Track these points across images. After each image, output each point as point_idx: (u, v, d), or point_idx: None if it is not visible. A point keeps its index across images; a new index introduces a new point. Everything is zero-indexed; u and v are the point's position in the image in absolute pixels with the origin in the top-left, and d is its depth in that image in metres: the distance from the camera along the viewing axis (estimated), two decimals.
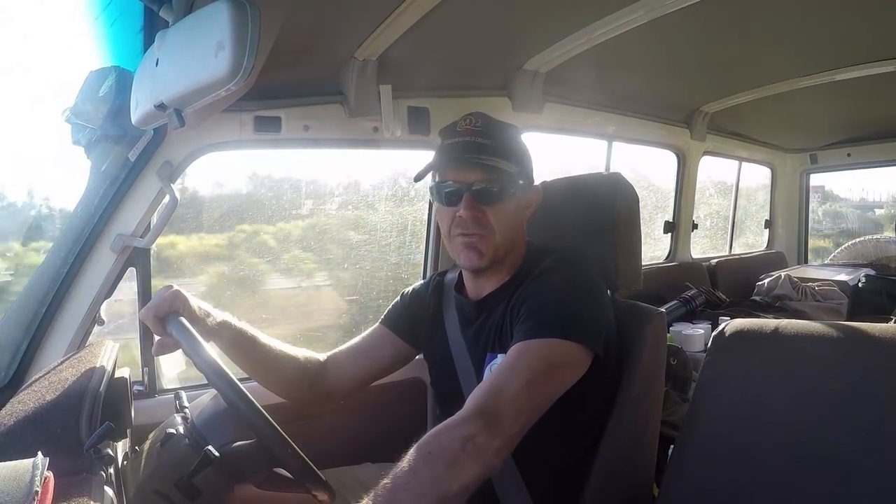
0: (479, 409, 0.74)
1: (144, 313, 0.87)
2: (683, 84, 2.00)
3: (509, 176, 0.93)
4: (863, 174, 3.33)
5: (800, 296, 2.35)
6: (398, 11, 1.11)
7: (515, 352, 0.83)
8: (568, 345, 0.83)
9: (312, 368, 1.08)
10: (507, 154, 0.93)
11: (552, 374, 0.82)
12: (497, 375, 0.80)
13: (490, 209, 0.93)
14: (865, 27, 1.48)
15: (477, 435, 0.70)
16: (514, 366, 0.81)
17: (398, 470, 0.67)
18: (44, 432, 0.73)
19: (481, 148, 0.92)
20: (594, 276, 0.95)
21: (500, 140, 0.94)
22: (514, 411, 0.75)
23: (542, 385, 0.80)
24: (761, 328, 0.86)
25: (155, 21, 0.97)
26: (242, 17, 0.74)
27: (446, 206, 0.95)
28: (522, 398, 0.77)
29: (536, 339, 0.83)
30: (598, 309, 0.90)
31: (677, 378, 1.57)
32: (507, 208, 0.94)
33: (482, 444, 0.70)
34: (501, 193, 0.93)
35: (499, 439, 0.72)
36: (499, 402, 0.75)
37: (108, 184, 1.17)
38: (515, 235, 0.98)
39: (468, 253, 0.94)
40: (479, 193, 0.92)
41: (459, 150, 0.93)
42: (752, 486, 0.77)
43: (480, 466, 0.70)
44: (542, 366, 0.81)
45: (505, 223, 0.94)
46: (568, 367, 0.84)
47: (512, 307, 0.92)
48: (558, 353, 0.83)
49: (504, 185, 0.93)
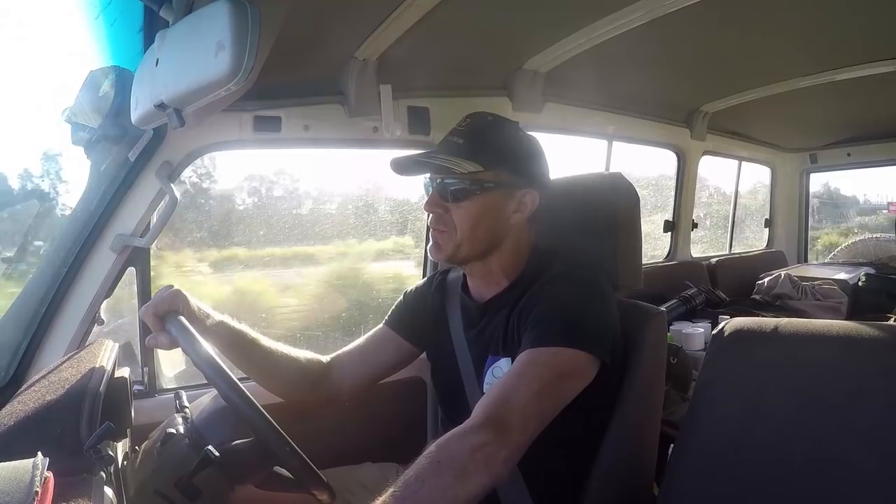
0: (488, 418, 0.74)
1: (144, 311, 0.87)
2: (683, 84, 2.00)
3: (472, 175, 0.93)
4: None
5: (800, 295, 2.35)
6: (398, 11, 1.11)
7: (524, 360, 0.83)
8: (576, 353, 0.83)
9: (315, 370, 1.08)
10: (478, 154, 0.93)
11: (561, 383, 0.82)
12: (506, 383, 0.80)
13: (453, 207, 0.94)
14: (865, 27, 1.48)
15: (486, 445, 0.71)
16: (523, 374, 0.80)
17: (406, 478, 0.67)
18: (44, 432, 0.73)
19: (449, 148, 0.95)
20: (602, 280, 0.94)
21: (477, 140, 0.94)
22: (522, 421, 0.75)
23: (551, 394, 0.80)
24: (761, 327, 0.86)
25: (155, 21, 0.96)
26: (242, 17, 0.74)
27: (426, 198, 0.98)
28: (531, 407, 0.77)
29: (545, 347, 0.83)
30: (607, 316, 0.90)
31: (677, 377, 1.56)
32: (470, 207, 0.94)
33: (491, 453, 0.70)
34: (463, 192, 0.93)
35: (507, 449, 0.73)
36: (508, 412, 0.75)
37: (108, 184, 1.17)
38: (484, 235, 0.96)
39: (431, 246, 0.99)
40: (442, 190, 0.95)
41: (435, 150, 0.97)
42: (751, 485, 0.77)
43: (488, 476, 0.70)
44: (551, 375, 0.81)
45: (466, 222, 0.94)
46: (576, 377, 0.84)
47: (520, 312, 0.92)
48: (567, 361, 0.83)
49: (468, 185, 0.93)
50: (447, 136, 0.97)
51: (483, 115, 0.99)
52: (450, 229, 0.95)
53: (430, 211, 0.96)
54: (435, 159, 0.94)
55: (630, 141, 2.24)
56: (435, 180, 0.96)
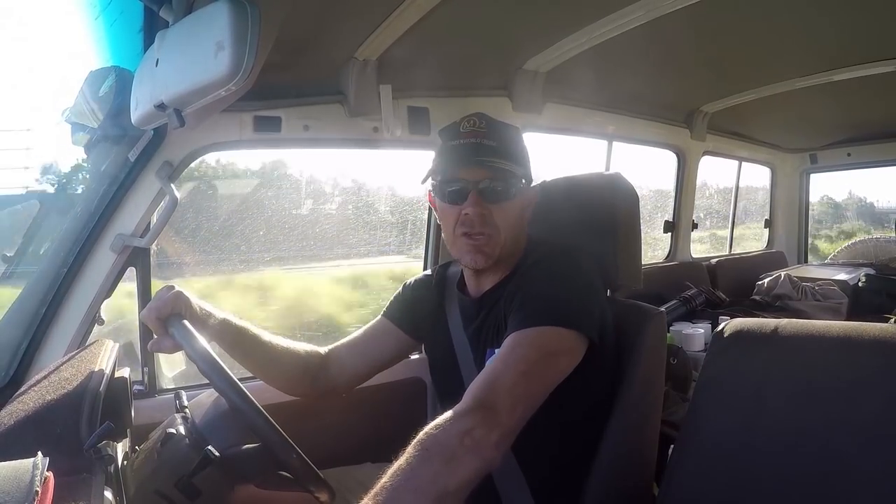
0: (475, 403, 0.73)
1: (146, 314, 0.87)
2: (683, 84, 2.00)
3: (513, 176, 0.95)
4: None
5: (800, 295, 2.35)
6: (398, 11, 1.11)
7: (509, 343, 0.82)
8: (562, 331, 0.83)
9: (315, 363, 1.08)
10: (511, 155, 0.95)
11: (548, 362, 0.81)
12: (492, 367, 0.80)
13: (495, 208, 0.93)
14: (865, 27, 1.48)
15: (474, 428, 0.70)
16: (508, 357, 0.80)
17: (396, 468, 0.66)
18: (44, 432, 0.73)
19: (488, 150, 0.93)
20: (585, 263, 0.94)
21: (504, 141, 0.95)
22: (510, 402, 0.75)
23: (539, 374, 0.80)
24: (761, 328, 0.86)
25: (155, 21, 0.96)
26: (242, 17, 0.74)
27: (450, 203, 0.95)
28: (519, 388, 0.76)
29: (529, 328, 0.82)
30: (590, 295, 0.90)
31: (677, 378, 1.57)
32: (512, 208, 0.95)
33: (480, 437, 0.70)
34: (506, 193, 0.94)
35: (497, 432, 0.72)
36: (495, 394, 0.75)
37: (108, 184, 1.17)
38: (518, 235, 0.99)
39: (474, 256, 0.95)
40: (484, 192, 0.93)
41: (468, 152, 0.94)
42: (751, 485, 0.77)
43: (479, 460, 0.69)
44: (537, 354, 0.80)
45: (509, 222, 0.95)
46: (563, 355, 0.83)
47: (507, 300, 0.92)
48: (553, 340, 0.82)
49: (508, 185, 0.94)
50: (472, 139, 0.94)
51: (486, 115, 0.98)
52: (494, 231, 0.94)
53: (475, 214, 0.92)
54: (497, 162, 0.92)
55: (630, 141, 2.24)
56: (469, 182, 0.93)
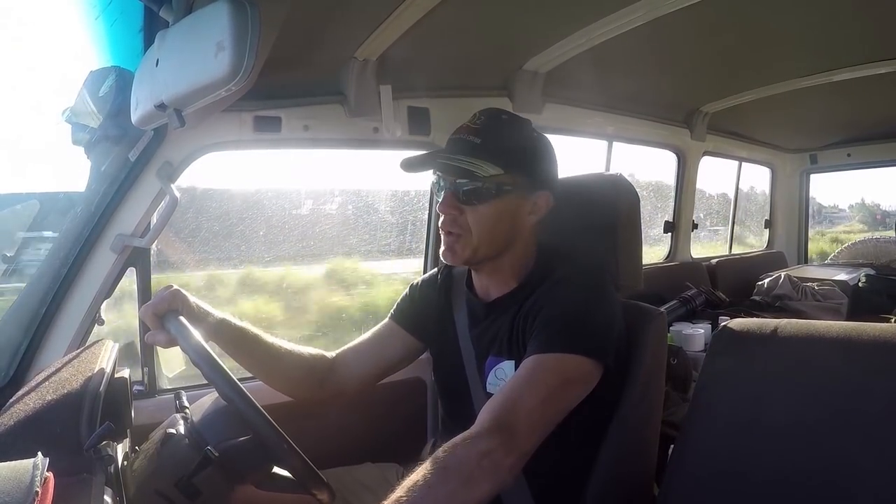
0: (494, 424, 0.74)
1: (144, 311, 0.87)
2: (683, 84, 2.00)
3: (492, 178, 0.91)
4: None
5: (800, 295, 2.35)
6: (398, 11, 1.11)
7: (530, 365, 0.82)
8: (581, 360, 0.83)
9: (321, 366, 1.07)
10: (498, 156, 0.90)
11: (566, 389, 0.82)
12: (513, 389, 0.80)
13: (469, 209, 0.92)
14: (865, 27, 1.48)
15: (493, 451, 0.71)
16: (530, 380, 0.80)
17: (412, 484, 0.66)
18: (44, 432, 0.73)
19: (467, 148, 0.91)
20: (607, 284, 0.94)
21: (495, 141, 0.92)
22: (529, 427, 0.76)
23: (557, 401, 0.81)
24: (761, 328, 0.86)
25: (155, 21, 0.96)
26: (242, 17, 0.74)
27: (437, 199, 0.96)
28: (537, 414, 0.77)
29: (551, 353, 0.83)
30: (611, 320, 0.90)
31: (677, 378, 1.56)
32: (487, 211, 0.92)
33: (498, 460, 0.71)
34: (480, 194, 0.91)
35: (513, 456, 0.73)
36: (515, 417, 0.75)
37: (108, 184, 1.17)
38: (500, 239, 0.95)
39: (444, 252, 0.96)
40: (458, 193, 0.92)
41: (448, 149, 0.94)
42: (751, 485, 0.77)
43: (494, 483, 0.70)
44: (557, 381, 0.81)
45: (483, 225, 0.92)
46: (581, 383, 0.84)
47: (525, 315, 0.92)
48: (572, 367, 0.83)
49: (485, 187, 0.91)
50: (461, 135, 0.93)
51: (497, 112, 0.96)
52: (464, 232, 0.93)
53: (445, 213, 0.93)
54: (455, 160, 0.90)
55: (630, 141, 2.24)
56: (448, 181, 0.93)
